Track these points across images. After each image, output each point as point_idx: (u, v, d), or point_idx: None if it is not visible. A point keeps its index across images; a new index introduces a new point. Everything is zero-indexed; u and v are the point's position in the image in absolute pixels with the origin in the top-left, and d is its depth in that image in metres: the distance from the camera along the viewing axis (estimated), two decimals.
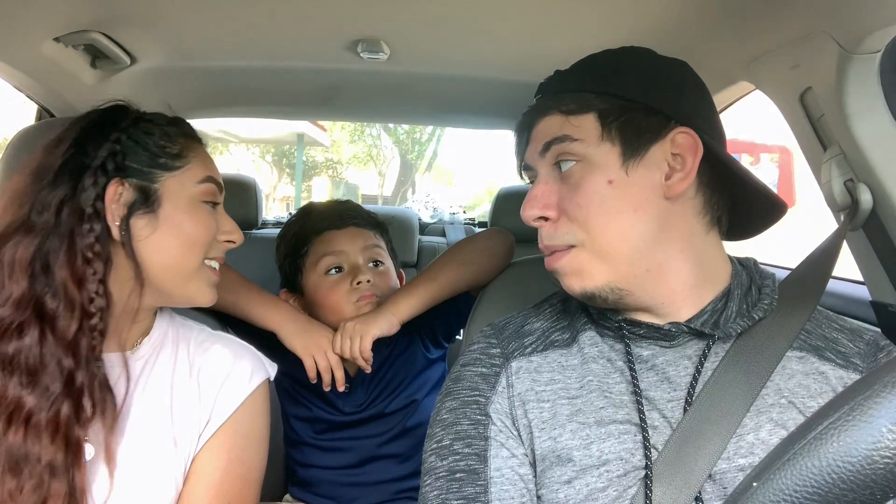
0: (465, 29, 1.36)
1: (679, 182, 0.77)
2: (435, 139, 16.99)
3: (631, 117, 0.78)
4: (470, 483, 0.78)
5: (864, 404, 0.37)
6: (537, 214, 0.81)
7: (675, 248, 0.78)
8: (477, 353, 0.88)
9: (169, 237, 0.86)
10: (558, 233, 0.79)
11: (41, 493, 0.74)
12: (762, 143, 5.97)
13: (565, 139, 0.79)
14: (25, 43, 1.25)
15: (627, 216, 0.76)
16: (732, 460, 0.72)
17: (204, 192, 0.91)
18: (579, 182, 0.78)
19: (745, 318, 0.78)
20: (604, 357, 0.81)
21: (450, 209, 3.35)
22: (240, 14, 1.31)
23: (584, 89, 0.81)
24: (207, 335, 0.97)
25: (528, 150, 0.85)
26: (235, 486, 0.90)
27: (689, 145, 0.78)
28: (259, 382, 0.94)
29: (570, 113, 0.80)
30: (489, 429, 0.81)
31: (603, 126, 0.78)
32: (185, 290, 0.90)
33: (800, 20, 0.99)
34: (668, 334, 0.78)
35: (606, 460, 0.74)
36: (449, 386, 0.87)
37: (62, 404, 0.77)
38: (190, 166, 0.90)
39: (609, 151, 0.77)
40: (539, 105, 0.85)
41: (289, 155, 17.06)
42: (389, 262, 1.37)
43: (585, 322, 0.85)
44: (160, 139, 0.89)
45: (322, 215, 1.38)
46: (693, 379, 0.76)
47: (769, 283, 0.82)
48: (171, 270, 0.87)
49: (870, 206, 0.98)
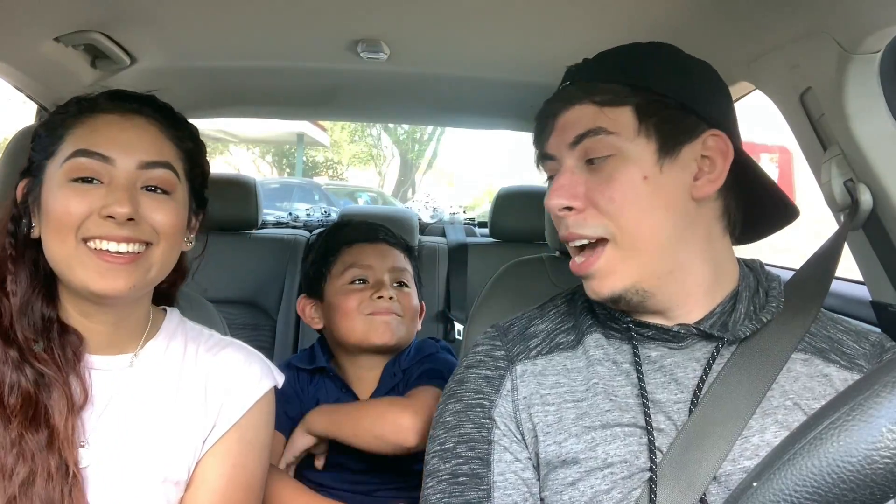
0: (466, 29, 1.36)
1: (708, 184, 0.78)
2: (435, 139, 16.99)
3: (669, 115, 0.77)
4: (473, 487, 0.77)
5: (864, 404, 0.37)
6: (564, 204, 0.78)
7: (696, 250, 0.78)
8: (481, 355, 0.87)
9: (44, 226, 0.83)
10: (588, 223, 0.77)
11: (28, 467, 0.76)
12: (762, 143, 5.97)
13: (600, 132, 0.77)
14: (25, 43, 1.25)
15: (659, 213, 0.76)
16: (738, 462, 0.72)
17: (70, 169, 0.81)
18: (612, 175, 0.76)
19: (753, 320, 0.78)
20: (609, 359, 0.81)
21: (450, 209, 3.35)
22: (240, 14, 1.31)
23: (620, 81, 0.78)
24: (217, 340, 0.96)
25: (551, 139, 0.82)
26: (238, 493, 0.89)
27: (720, 149, 0.78)
28: (266, 389, 0.93)
29: (605, 104, 0.77)
30: (493, 432, 0.80)
31: (640, 121, 0.77)
32: (75, 279, 0.81)
33: (800, 20, 0.99)
34: (677, 336, 0.78)
35: (611, 462, 0.74)
36: (452, 388, 0.87)
37: (22, 387, 0.79)
38: (63, 146, 0.83)
39: (645, 147, 0.77)
40: (568, 93, 0.82)
41: (289, 155, 17.06)
42: (414, 289, 1.35)
43: (591, 324, 0.85)
44: (49, 126, 0.87)
45: (356, 228, 1.38)
46: (700, 381, 0.76)
47: (776, 285, 0.83)
48: (55, 262, 0.83)
49: (870, 206, 0.98)
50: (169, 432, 0.86)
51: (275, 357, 2.01)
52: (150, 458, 0.84)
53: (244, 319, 2.20)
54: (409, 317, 1.28)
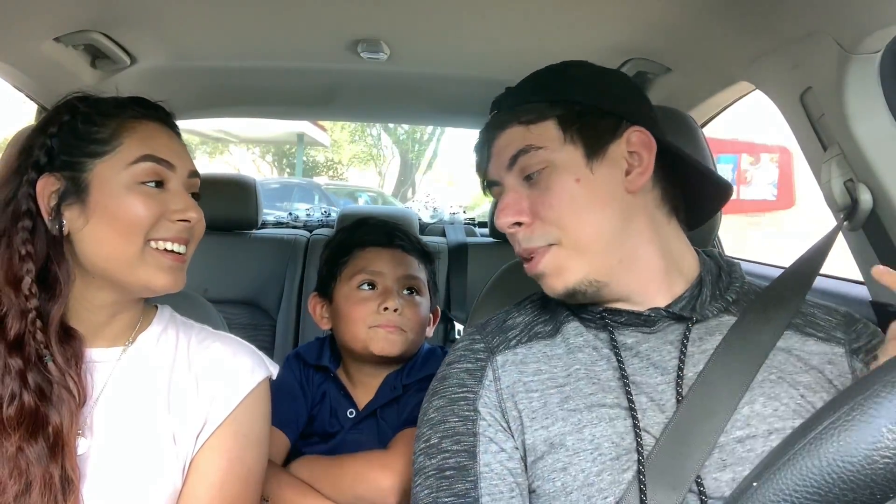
0: (466, 29, 1.36)
1: (638, 176, 0.83)
2: (435, 139, 17.00)
3: (589, 120, 0.83)
4: (460, 480, 0.79)
5: (864, 404, 0.37)
6: (511, 221, 0.84)
7: (642, 238, 0.84)
8: (461, 350, 0.90)
9: (102, 225, 0.83)
10: (535, 235, 0.83)
11: (24, 479, 0.75)
12: (762, 143, 5.97)
13: (530, 149, 0.83)
14: (25, 43, 1.25)
15: (597, 211, 0.82)
16: (730, 433, 0.74)
17: (140, 173, 0.85)
18: (548, 185, 0.82)
19: (719, 300, 0.84)
20: (589, 346, 0.84)
21: (450, 209, 3.34)
22: (239, 14, 1.31)
23: (539, 100, 0.86)
24: (208, 333, 0.97)
25: (490, 165, 0.89)
26: (235, 487, 0.89)
27: (643, 142, 0.84)
28: (259, 380, 0.93)
29: (530, 122, 0.84)
30: (478, 424, 0.82)
31: (564, 131, 0.83)
32: (134, 278, 0.85)
33: (800, 20, 0.99)
34: (649, 320, 0.82)
35: (599, 444, 0.76)
36: (435, 386, 0.88)
37: (24, 399, 0.78)
38: (122, 148, 0.85)
39: (573, 153, 0.83)
40: (496, 120, 0.89)
41: (289, 155, 17.08)
42: (426, 296, 1.32)
43: (567, 315, 0.88)
44: (90, 126, 0.87)
45: (371, 230, 1.35)
46: (680, 362, 0.79)
47: (736, 268, 0.88)
48: (112, 260, 0.84)
49: (870, 206, 0.98)
50: (161, 423, 0.87)
51: (275, 357, 2.01)
52: (142, 449, 0.85)
53: (244, 319, 2.20)
54: (413, 330, 1.25)
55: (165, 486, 0.85)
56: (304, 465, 1.18)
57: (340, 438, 1.25)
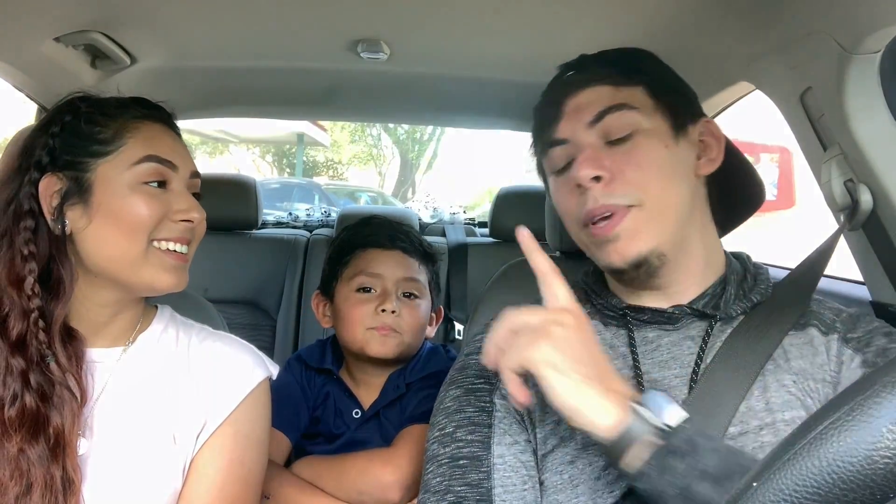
0: (466, 29, 1.36)
1: (708, 163, 0.85)
2: (435, 139, 17.00)
3: (676, 96, 0.85)
4: (473, 469, 0.79)
5: (864, 404, 0.37)
6: (594, 173, 0.79)
7: (697, 228, 0.84)
8: (481, 342, 0.88)
9: (105, 225, 0.84)
10: (616, 192, 0.79)
11: (25, 480, 0.75)
12: (762, 143, 5.97)
13: (623, 107, 0.81)
14: (25, 43, 1.25)
15: (679, 182, 0.82)
16: (745, 423, 0.75)
17: (143, 173, 0.85)
18: (636, 146, 0.80)
19: (743, 300, 0.83)
20: (606, 344, 0.84)
21: (450, 209, 3.35)
22: (240, 14, 1.31)
23: (626, 66, 0.85)
24: (208, 333, 0.97)
25: (562, 123, 0.84)
26: (235, 487, 0.89)
27: (715, 133, 0.86)
28: (259, 380, 0.93)
29: (621, 84, 0.83)
30: (494, 415, 0.82)
31: (656, 98, 0.83)
32: (139, 278, 0.85)
33: (800, 20, 0.99)
34: (672, 317, 0.82)
35: None
36: (453, 375, 0.88)
37: (25, 400, 0.77)
38: (125, 148, 0.86)
39: (661, 122, 0.82)
40: (576, 78, 0.86)
41: (289, 155, 17.08)
42: (426, 300, 1.32)
43: (588, 312, 0.86)
44: (92, 126, 0.87)
45: (375, 231, 1.34)
46: (698, 357, 0.79)
47: (763, 271, 0.88)
48: (115, 260, 0.84)
49: (870, 207, 0.98)
50: (162, 423, 0.87)
51: (275, 357, 2.01)
52: (142, 449, 0.85)
53: (244, 319, 2.20)
54: (410, 333, 1.25)
55: (165, 487, 0.85)
56: (306, 464, 1.18)
57: (346, 439, 1.25)
